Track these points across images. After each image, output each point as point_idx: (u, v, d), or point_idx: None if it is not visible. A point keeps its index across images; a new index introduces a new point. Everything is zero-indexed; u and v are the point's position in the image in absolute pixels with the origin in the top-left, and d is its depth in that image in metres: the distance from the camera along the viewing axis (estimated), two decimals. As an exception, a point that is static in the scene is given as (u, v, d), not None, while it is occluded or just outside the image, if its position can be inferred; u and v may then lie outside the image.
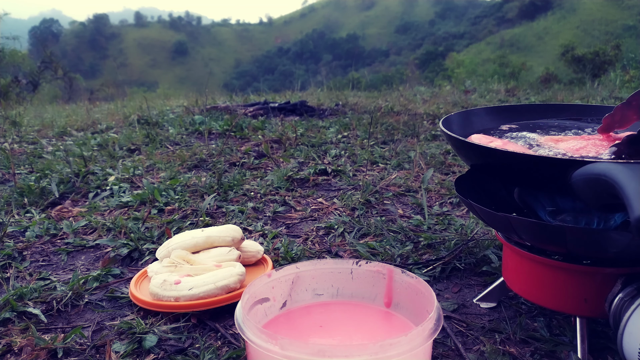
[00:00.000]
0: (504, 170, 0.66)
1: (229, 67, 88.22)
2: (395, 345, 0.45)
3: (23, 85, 10.25)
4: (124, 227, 1.08)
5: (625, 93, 3.79)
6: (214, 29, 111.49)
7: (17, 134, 2.36)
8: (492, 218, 0.62)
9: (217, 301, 0.75)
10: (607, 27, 51.93)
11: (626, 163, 0.57)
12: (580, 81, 6.76)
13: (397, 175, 1.48)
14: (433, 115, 2.65)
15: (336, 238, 1.05)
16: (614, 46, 13.34)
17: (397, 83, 6.16)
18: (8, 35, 13.23)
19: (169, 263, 0.74)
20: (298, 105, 2.92)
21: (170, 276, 0.71)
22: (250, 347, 0.49)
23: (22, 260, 0.97)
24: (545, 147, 0.66)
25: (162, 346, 0.68)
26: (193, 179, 1.47)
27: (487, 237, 1.01)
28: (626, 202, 0.43)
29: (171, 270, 0.74)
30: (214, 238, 0.87)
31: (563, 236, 0.56)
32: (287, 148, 1.88)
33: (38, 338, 0.68)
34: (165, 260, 0.75)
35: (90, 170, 1.55)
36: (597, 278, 0.60)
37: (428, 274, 0.88)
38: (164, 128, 2.38)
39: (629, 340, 0.54)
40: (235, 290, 0.76)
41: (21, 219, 1.18)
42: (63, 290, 0.82)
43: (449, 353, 0.66)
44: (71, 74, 14.21)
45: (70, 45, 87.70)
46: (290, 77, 42.78)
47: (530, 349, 0.66)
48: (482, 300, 0.78)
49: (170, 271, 0.73)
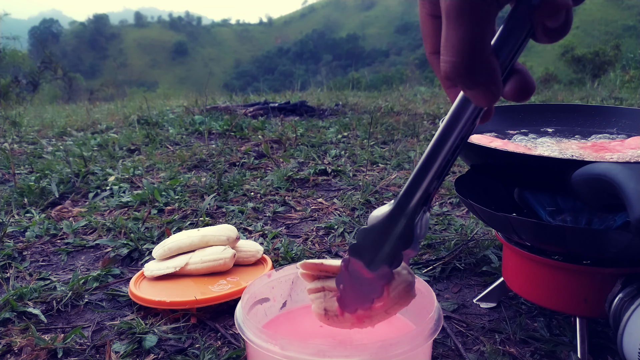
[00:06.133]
0: (504, 170, 0.66)
1: (229, 67, 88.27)
2: (395, 345, 0.44)
3: (23, 85, 10.26)
4: (124, 227, 1.08)
5: (625, 93, 3.80)
6: (214, 29, 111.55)
7: (17, 134, 2.36)
8: (492, 218, 0.62)
9: (217, 298, 0.75)
10: (607, 27, 51.97)
11: (626, 163, 0.57)
12: (580, 81, 6.77)
13: (397, 176, 1.48)
14: (433, 115, 2.65)
15: (336, 238, 1.05)
16: (614, 46, 13.35)
17: (397, 83, 6.16)
18: (8, 35, 13.24)
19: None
20: (298, 105, 2.92)
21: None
22: (250, 347, 0.49)
23: (22, 260, 0.97)
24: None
25: (162, 346, 0.68)
26: (193, 179, 1.47)
27: (487, 237, 1.01)
28: (626, 202, 0.43)
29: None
30: (209, 237, 0.88)
31: (563, 236, 0.56)
32: (287, 148, 1.88)
33: (38, 338, 0.68)
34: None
35: (90, 171, 1.55)
36: (597, 278, 0.60)
37: (428, 274, 0.88)
38: (164, 128, 2.38)
39: (629, 340, 0.54)
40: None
41: (21, 219, 1.18)
42: (63, 290, 0.82)
43: (449, 353, 0.66)
44: (71, 74, 14.22)
45: (70, 45, 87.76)
46: (290, 77, 42.79)
47: (530, 349, 0.66)
48: (482, 300, 0.78)
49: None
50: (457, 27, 0.30)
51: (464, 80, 0.31)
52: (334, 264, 0.49)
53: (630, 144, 0.68)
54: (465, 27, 0.30)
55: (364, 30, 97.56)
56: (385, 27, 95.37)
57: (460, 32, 0.30)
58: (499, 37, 0.32)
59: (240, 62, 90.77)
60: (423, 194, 0.40)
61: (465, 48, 0.30)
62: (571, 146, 0.70)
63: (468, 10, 0.29)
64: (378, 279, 0.45)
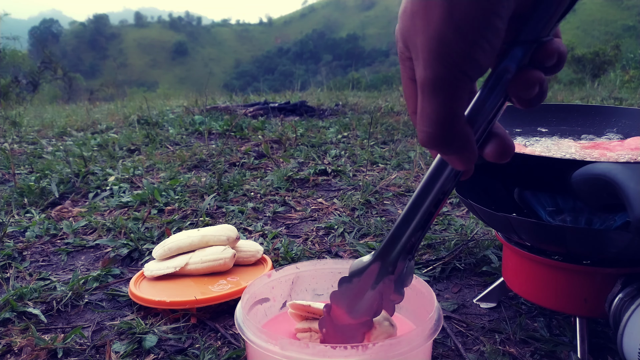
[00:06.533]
0: (504, 170, 0.66)
1: (229, 67, 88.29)
2: (395, 345, 0.45)
3: (23, 85, 10.26)
4: (124, 227, 1.08)
5: (625, 93, 3.80)
6: (214, 29, 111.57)
7: (17, 134, 2.36)
8: (492, 218, 0.62)
9: (217, 298, 0.75)
10: (607, 28, 51.99)
11: (626, 163, 0.57)
12: (580, 81, 6.77)
13: (397, 176, 1.48)
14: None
15: (336, 238, 1.05)
16: (614, 46, 13.34)
17: (397, 83, 6.16)
18: (8, 35, 13.25)
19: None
20: (298, 105, 2.92)
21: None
22: (250, 347, 0.49)
23: (22, 260, 0.97)
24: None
25: (162, 346, 0.68)
26: (193, 179, 1.47)
27: (487, 237, 1.01)
28: (626, 202, 0.43)
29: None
30: (209, 237, 0.88)
31: (563, 236, 0.56)
32: (287, 148, 1.88)
33: (38, 338, 0.68)
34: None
35: (90, 171, 1.55)
36: (597, 278, 0.60)
37: (428, 274, 0.88)
38: (164, 128, 2.38)
39: (629, 340, 0.54)
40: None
41: (21, 219, 1.18)
42: (63, 291, 0.82)
43: (449, 353, 0.66)
44: (71, 74, 14.23)
45: (70, 45, 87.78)
46: (290, 77, 42.80)
47: (530, 349, 0.66)
48: (482, 301, 0.78)
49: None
50: (431, 100, 0.31)
51: (439, 149, 0.33)
52: (320, 307, 0.51)
53: (630, 144, 0.68)
54: (439, 101, 0.31)
55: (364, 30, 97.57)
56: (385, 27, 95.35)
57: (434, 106, 0.31)
58: (474, 106, 0.33)
59: (240, 62, 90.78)
60: (404, 245, 0.41)
61: (439, 120, 0.31)
62: (571, 146, 0.70)
63: (441, 86, 0.30)
64: (359, 326, 0.47)
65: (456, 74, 0.30)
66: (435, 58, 0.30)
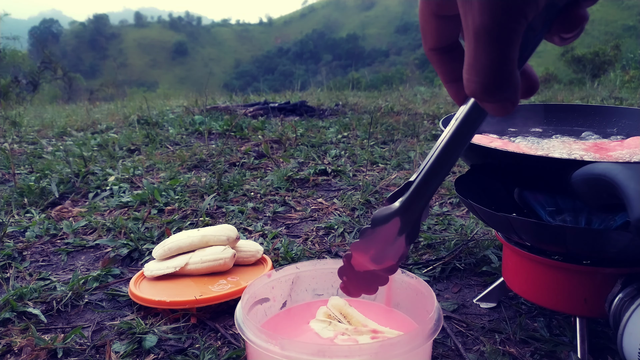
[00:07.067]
0: (504, 170, 0.66)
1: (229, 67, 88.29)
2: (395, 345, 0.45)
3: (23, 85, 10.26)
4: (124, 227, 1.08)
5: (625, 93, 3.80)
6: (214, 29, 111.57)
7: (17, 134, 2.36)
8: (492, 218, 0.62)
9: (217, 298, 0.75)
10: (607, 27, 51.99)
11: (626, 163, 0.57)
12: (580, 81, 6.77)
13: (397, 176, 1.48)
14: (433, 116, 2.65)
15: (336, 238, 1.05)
16: (614, 46, 13.35)
17: (397, 83, 6.17)
18: (8, 35, 13.25)
19: (324, 316, 0.64)
20: (298, 105, 2.92)
21: (324, 331, 0.61)
22: (250, 347, 0.49)
23: (22, 260, 0.97)
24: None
25: (162, 346, 0.68)
26: (193, 179, 1.47)
27: (487, 237, 1.01)
28: (626, 202, 0.43)
29: (326, 326, 0.62)
30: (209, 237, 0.88)
31: (563, 236, 0.56)
32: (287, 148, 1.88)
33: (38, 338, 0.68)
34: (321, 311, 0.64)
35: (90, 171, 1.55)
36: (597, 278, 0.60)
37: (428, 274, 0.88)
38: (164, 128, 2.38)
39: (629, 340, 0.54)
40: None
41: (21, 219, 1.18)
42: (63, 291, 0.82)
43: (449, 353, 0.66)
44: (71, 74, 14.22)
45: (70, 45, 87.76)
46: (290, 77, 42.80)
47: (530, 349, 0.66)
48: (482, 301, 0.78)
49: (325, 327, 0.63)
50: (488, 48, 0.29)
51: (490, 97, 0.31)
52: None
53: (630, 144, 0.68)
54: (497, 49, 0.29)
55: (364, 30, 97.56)
56: (385, 27, 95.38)
57: (492, 54, 0.29)
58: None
59: (240, 62, 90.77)
60: (431, 196, 0.40)
61: (497, 69, 0.30)
62: (571, 146, 0.70)
63: (499, 32, 0.29)
64: (382, 272, 0.46)
65: (517, 18, 0.29)
66: (495, 2, 0.28)
